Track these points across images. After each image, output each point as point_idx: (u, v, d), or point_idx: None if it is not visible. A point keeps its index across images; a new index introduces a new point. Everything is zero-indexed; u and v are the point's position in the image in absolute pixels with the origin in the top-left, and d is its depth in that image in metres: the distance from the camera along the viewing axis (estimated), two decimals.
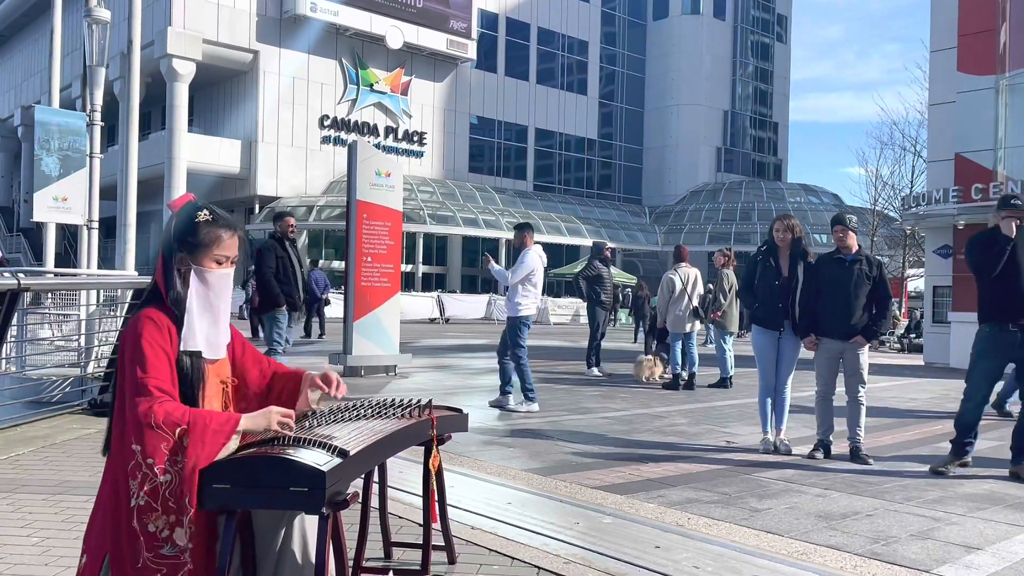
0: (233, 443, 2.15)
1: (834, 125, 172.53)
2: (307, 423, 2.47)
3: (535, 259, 8.17)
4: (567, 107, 49.34)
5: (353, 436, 2.40)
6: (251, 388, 2.50)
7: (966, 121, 15.85)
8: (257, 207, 36.62)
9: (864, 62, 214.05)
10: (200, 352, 2.26)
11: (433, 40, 40.57)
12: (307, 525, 2.34)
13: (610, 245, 11.35)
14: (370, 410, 2.76)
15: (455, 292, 35.25)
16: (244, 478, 2.11)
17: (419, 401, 2.95)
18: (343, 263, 9.84)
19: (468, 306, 31.53)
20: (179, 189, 32.87)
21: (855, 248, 6.19)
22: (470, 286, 41.56)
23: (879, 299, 6.13)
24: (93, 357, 8.86)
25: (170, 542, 2.04)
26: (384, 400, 2.91)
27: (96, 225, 9.84)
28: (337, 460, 2.18)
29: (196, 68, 33.96)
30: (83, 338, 9.12)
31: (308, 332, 18.73)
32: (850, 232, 6.18)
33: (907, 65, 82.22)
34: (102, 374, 8.11)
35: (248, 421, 2.18)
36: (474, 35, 42.51)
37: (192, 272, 2.28)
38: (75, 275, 9.88)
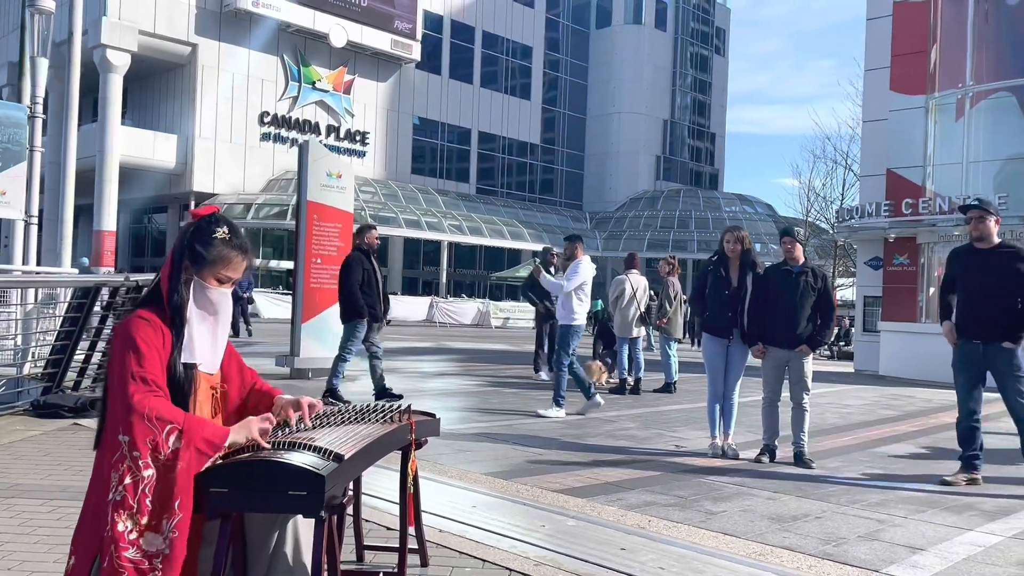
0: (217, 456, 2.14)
1: (769, 137, 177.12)
2: (295, 428, 2.49)
3: (588, 269, 8.38)
4: (510, 111, 49.55)
5: (344, 440, 2.42)
6: (230, 398, 2.50)
7: (897, 138, 16.53)
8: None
9: (798, 76, 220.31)
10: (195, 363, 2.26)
11: (377, 40, 40.28)
12: (300, 529, 2.36)
13: (556, 250, 11.57)
14: (354, 415, 2.79)
15: (396, 294, 35.05)
16: (242, 482, 2.12)
17: (399, 406, 3.00)
18: (282, 263, 9.72)
19: (409, 308, 31.41)
20: (111, 183, 31.90)
21: (802, 260, 6.43)
22: (410, 288, 41.38)
23: (823, 310, 6.37)
24: (30, 357, 8.57)
25: (135, 545, 1.94)
26: (366, 405, 2.95)
27: (36, 220, 9.53)
28: (334, 464, 2.21)
29: (131, 60, 33.03)
30: (19, 338, 8.80)
31: (236, 331, 18.50)
32: (798, 244, 6.44)
33: (840, 81, 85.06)
34: (39, 374, 7.86)
35: (233, 435, 2.18)
36: (418, 36, 42.36)
37: (192, 284, 2.28)
38: (10, 272, 9.53)
